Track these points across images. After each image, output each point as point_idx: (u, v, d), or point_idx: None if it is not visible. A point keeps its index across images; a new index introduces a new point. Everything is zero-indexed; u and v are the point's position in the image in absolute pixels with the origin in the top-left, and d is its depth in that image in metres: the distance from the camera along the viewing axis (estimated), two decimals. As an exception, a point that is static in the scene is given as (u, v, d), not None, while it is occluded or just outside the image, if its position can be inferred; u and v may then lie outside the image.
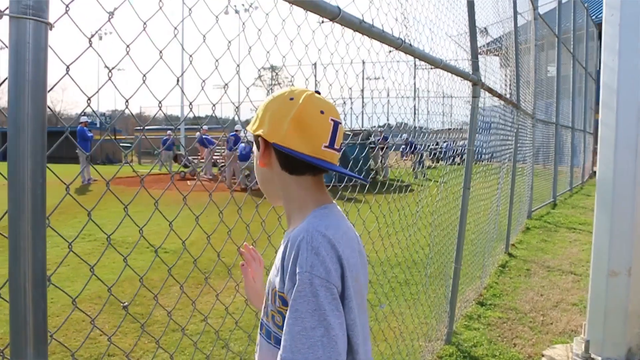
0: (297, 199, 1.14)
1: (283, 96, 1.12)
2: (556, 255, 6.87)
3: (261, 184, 1.21)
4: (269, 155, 1.12)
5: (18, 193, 0.89)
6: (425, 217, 3.57)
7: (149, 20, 1.17)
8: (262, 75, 36.55)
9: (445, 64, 3.01)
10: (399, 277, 4.28)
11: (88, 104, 1.05)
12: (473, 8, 3.88)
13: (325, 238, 1.01)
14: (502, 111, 6.03)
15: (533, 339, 4.02)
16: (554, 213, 10.46)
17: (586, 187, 15.85)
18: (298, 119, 1.07)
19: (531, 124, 9.17)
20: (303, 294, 0.96)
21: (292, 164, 1.11)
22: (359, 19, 1.95)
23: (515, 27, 6.69)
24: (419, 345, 3.57)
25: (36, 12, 0.88)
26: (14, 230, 0.90)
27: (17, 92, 0.88)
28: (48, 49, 0.91)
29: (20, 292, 0.91)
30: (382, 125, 2.96)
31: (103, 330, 3.94)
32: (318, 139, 1.08)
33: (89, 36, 1.03)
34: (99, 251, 6.27)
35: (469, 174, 3.86)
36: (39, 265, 0.93)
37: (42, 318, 0.94)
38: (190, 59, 1.33)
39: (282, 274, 1.04)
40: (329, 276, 0.98)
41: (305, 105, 1.09)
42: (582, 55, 15.67)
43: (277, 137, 1.07)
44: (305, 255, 0.98)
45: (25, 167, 0.89)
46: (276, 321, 1.08)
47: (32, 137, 0.89)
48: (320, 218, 1.08)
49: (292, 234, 1.05)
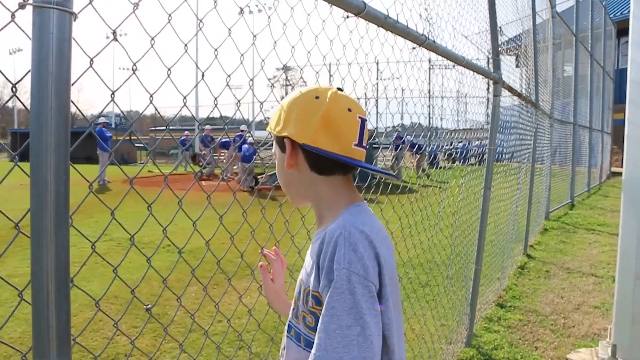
0: (327, 199, 1.11)
1: (308, 95, 1.08)
2: (575, 256, 6.75)
3: (285, 186, 1.17)
4: (296, 156, 1.08)
5: (40, 189, 0.86)
6: (446, 218, 3.51)
7: (173, 13, 1.14)
8: (276, 76, 36.59)
9: (467, 61, 2.95)
10: (420, 278, 4.22)
11: (112, 98, 1.02)
12: (494, 7, 3.81)
13: (363, 234, 0.98)
14: (521, 110, 5.94)
15: (555, 342, 3.93)
16: (572, 214, 10.30)
17: (604, 188, 15.62)
18: (327, 118, 1.04)
19: (549, 123, 9.04)
20: (340, 291, 0.93)
21: (323, 164, 1.08)
22: (384, 14, 1.90)
23: (533, 26, 6.59)
24: (440, 348, 3.50)
25: (60, 1, 0.84)
26: (36, 227, 0.86)
27: (40, 85, 0.84)
28: (72, 41, 0.87)
29: (43, 294, 0.88)
30: (397, 125, 2.91)
31: (122, 329, 3.93)
32: (347, 138, 1.06)
33: (112, 28, 1.00)
34: (115, 251, 6.28)
35: (490, 174, 3.79)
36: (62, 265, 0.89)
37: (66, 320, 0.91)
38: (215, 53, 1.29)
39: (318, 271, 1.00)
40: (367, 273, 0.94)
41: (333, 104, 1.06)
42: (599, 54, 15.45)
43: (306, 137, 1.04)
44: (343, 251, 0.95)
45: (49, 162, 0.85)
46: (307, 322, 1.04)
47: (56, 131, 0.85)
48: (355, 215, 1.05)
49: (329, 230, 1.01)
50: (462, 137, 4.66)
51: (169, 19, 1.13)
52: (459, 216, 3.66)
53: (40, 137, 0.85)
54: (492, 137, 3.80)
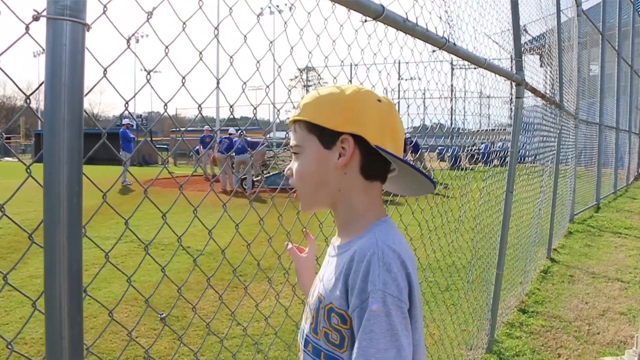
0: (359, 207, 1.07)
1: (368, 95, 1.06)
2: (601, 260, 6.60)
3: (314, 187, 1.08)
4: (352, 156, 1.03)
5: (53, 203, 0.85)
6: (467, 222, 3.45)
7: (187, 20, 1.13)
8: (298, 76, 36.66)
9: (489, 63, 2.90)
10: (440, 282, 4.17)
11: (126, 107, 1.01)
12: (517, 6, 3.74)
13: (396, 254, 0.96)
14: (545, 111, 5.83)
15: (579, 350, 3.84)
16: (598, 217, 10.09)
17: (631, 190, 15.28)
18: (393, 125, 1.06)
19: (574, 124, 8.87)
20: (377, 314, 0.91)
21: (374, 169, 1.06)
22: (403, 17, 1.87)
23: (558, 25, 6.46)
24: (460, 354, 3.45)
25: (73, 13, 0.84)
26: (50, 241, 0.86)
27: (53, 97, 0.84)
28: (85, 51, 0.87)
29: (56, 306, 0.88)
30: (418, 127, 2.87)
31: (139, 332, 3.97)
32: (400, 147, 1.08)
33: (126, 37, 0.99)
34: (136, 252, 6.34)
35: (512, 177, 3.72)
36: (75, 277, 0.89)
37: (79, 332, 0.90)
38: (230, 60, 1.28)
39: (346, 291, 0.97)
40: (401, 294, 0.93)
41: (395, 111, 1.08)
42: (627, 53, 15.10)
43: (379, 139, 1.02)
44: (378, 271, 0.93)
45: (61, 175, 0.85)
46: (332, 339, 1.02)
47: (69, 144, 0.85)
48: (386, 232, 1.02)
49: (359, 248, 0.99)
50: (485, 138, 4.60)
51: (183, 27, 1.13)
52: (481, 220, 3.60)
53: (53, 149, 0.85)
54: (515, 140, 3.73)
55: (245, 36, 1.27)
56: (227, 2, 1.18)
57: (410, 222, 2.38)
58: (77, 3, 0.84)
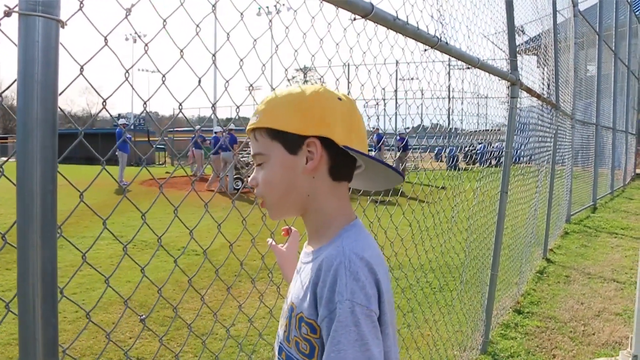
0: (328, 210, 1.04)
1: (328, 95, 1.02)
2: (597, 261, 6.59)
3: (283, 193, 1.04)
4: (319, 159, 1.00)
5: (26, 202, 0.84)
6: (461, 222, 3.44)
7: (168, 18, 1.11)
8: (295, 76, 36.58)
9: (482, 63, 2.89)
10: (433, 283, 4.16)
11: (104, 106, 1.00)
12: (512, 6, 3.73)
13: (364, 261, 0.93)
14: (541, 112, 5.82)
15: (574, 350, 3.83)
16: (594, 217, 10.09)
17: (628, 190, 15.29)
18: (357, 123, 1.04)
19: (570, 124, 8.87)
20: (344, 324, 0.88)
21: (341, 170, 1.03)
22: (393, 15, 1.86)
23: (554, 25, 6.46)
24: (453, 355, 3.44)
25: (46, 9, 0.82)
26: (23, 241, 0.84)
27: (25, 95, 0.82)
28: (59, 48, 0.85)
29: (30, 307, 0.86)
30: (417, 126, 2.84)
31: (133, 333, 3.95)
32: (366, 144, 1.07)
33: (104, 35, 0.97)
34: (130, 252, 6.32)
35: (506, 178, 3.71)
36: (49, 278, 0.87)
37: (53, 334, 0.89)
38: (213, 59, 1.26)
39: (314, 300, 0.95)
40: (369, 303, 0.90)
41: (356, 107, 1.06)
42: (624, 53, 15.13)
43: (346, 139, 1.00)
44: (345, 281, 0.90)
45: (35, 174, 0.83)
46: (302, 349, 0.99)
47: (42, 142, 0.83)
48: (354, 238, 0.99)
49: (326, 257, 0.96)
50: (482, 138, 4.59)
51: (163, 24, 1.11)
52: (474, 220, 3.59)
53: (27, 148, 0.83)
54: (509, 140, 3.72)
55: (228, 34, 1.25)
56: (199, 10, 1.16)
57: (400, 222, 2.37)
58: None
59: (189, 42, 1.15)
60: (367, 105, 2.25)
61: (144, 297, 4.64)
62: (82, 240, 6.85)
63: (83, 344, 3.73)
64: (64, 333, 3.88)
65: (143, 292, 4.76)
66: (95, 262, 6.01)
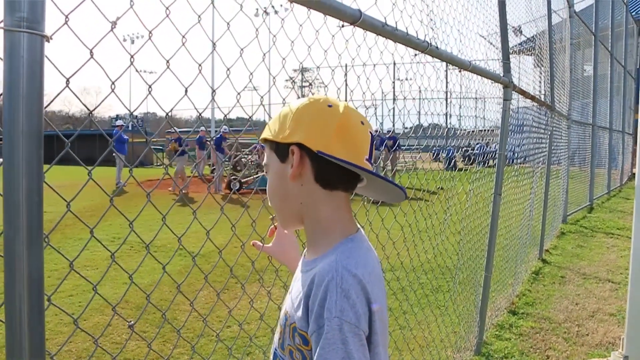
0: (324, 220, 1.04)
1: (320, 103, 1.03)
2: (593, 261, 6.62)
3: (280, 201, 1.08)
4: (302, 165, 1.01)
5: (13, 213, 0.86)
6: (453, 225, 3.46)
7: (154, 29, 1.13)
8: (293, 77, 36.58)
9: (474, 66, 2.90)
10: (426, 285, 4.18)
11: (90, 116, 1.02)
12: (504, 7, 3.75)
13: (356, 279, 0.93)
14: (535, 113, 5.84)
15: (567, 351, 3.85)
16: (591, 217, 10.12)
17: (625, 190, 15.33)
18: (342, 128, 1.01)
19: (566, 125, 8.90)
20: (332, 342, 0.89)
21: (329, 176, 1.02)
22: (382, 22, 1.88)
23: (549, 26, 6.48)
24: (447, 356, 3.46)
25: (31, 25, 0.84)
26: (9, 251, 0.86)
27: (10, 109, 0.84)
28: (44, 62, 0.87)
29: (16, 315, 0.88)
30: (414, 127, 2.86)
31: (122, 336, 3.97)
32: (360, 151, 1.02)
33: (89, 48, 0.99)
34: (127, 255, 6.32)
35: (500, 180, 3.73)
36: (36, 286, 0.89)
37: (39, 341, 0.90)
38: (199, 68, 1.28)
39: (307, 313, 0.96)
40: (358, 322, 0.90)
41: (348, 114, 1.03)
42: (620, 53, 15.17)
43: (321, 144, 0.98)
44: (335, 298, 0.90)
45: (20, 186, 0.85)
46: (295, 357, 1.01)
47: (27, 155, 0.85)
48: (349, 254, 0.98)
49: (319, 271, 0.96)
50: (478, 139, 4.60)
51: (150, 35, 1.13)
52: (468, 222, 3.61)
53: (12, 160, 0.85)
54: (503, 142, 3.74)
55: (214, 44, 1.27)
56: (196, 9, 1.18)
57: (392, 225, 2.39)
58: (35, 15, 0.84)
59: (176, 51, 1.17)
60: (365, 106, 2.27)
61: (140, 300, 4.65)
62: (78, 242, 6.87)
63: (79, 347, 3.74)
64: (60, 335, 3.90)
65: (140, 294, 4.78)
66: (92, 264, 6.03)
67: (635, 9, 19.43)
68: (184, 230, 1.55)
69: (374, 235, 2.22)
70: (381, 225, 2.32)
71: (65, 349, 3.63)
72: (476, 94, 3.69)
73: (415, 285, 3.88)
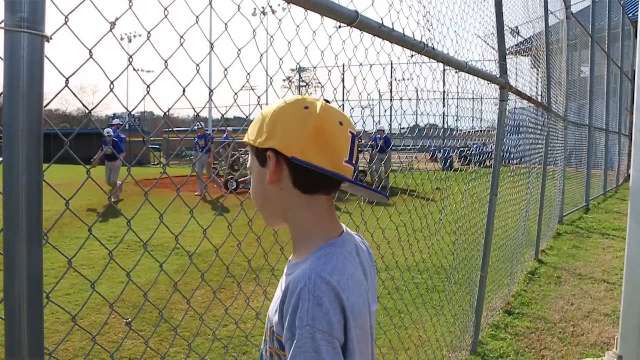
0: (304, 224, 1.03)
1: (295, 105, 1.00)
2: (588, 262, 6.65)
3: (261, 204, 1.06)
4: (279, 170, 0.99)
5: (12, 211, 0.86)
6: (449, 225, 3.48)
7: (152, 30, 1.14)
8: (290, 77, 36.57)
9: (470, 67, 2.92)
10: (421, 285, 4.19)
11: (89, 117, 1.03)
12: (501, 8, 3.77)
13: (329, 286, 0.90)
14: (532, 113, 5.87)
15: (562, 351, 3.88)
16: (587, 218, 10.16)
17: (621, 191, 15.38)
18: (318, 131, 0.97)
19: (563, 126, 8.93)
20: (303, 350, 0.87)
21: (308, 181, 0.99)
22: (378, 23, 1.89)
23: (546, 27, 6.51)
24: (442, 355, 3.47)
25: (31, 25, 0.85)
26: (9, 249, 0.87)
27: (10, 108, 0.85)
28: (44, 62, 0.88)
29: (15, 313, 0.89)
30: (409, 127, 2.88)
31: (119, 335, 3.98)
32: (338, 153, 0.99)
33: (89, 48, 1.00)
34: (124, 253, 6.33)
35: (496, 180, 3.75)
36: (35, 284, 0.90)
37: (38, 339, 0.91)
38: (197, 68, 1.29)
39: (282, 319, 0.94)
40: (331, 329, 0.88)
41: (324, 116, 0.98)
42: (617, 55, 15.21)
43: (295, 150, 0.95)
44: (307, 306, 0.88)
45: (20, 185, 0.86)
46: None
47: (27, 154, 0.86)
48: (325, 260, 0.95)
49: (293, 279, 0.95)
50: (475, 140, 4.62)
51: (148, 36, 1.14)
52: (463, 222, 3.63)
53: (12, 159, 0.86)
54: (499, 143, 3.76)
55: (212, 43, 1.28)
56: (194, 9, 1.19)
57: (387, 225, 2.40)
58: (35, 15, 0.85)
59: (174, 52, 1.18)
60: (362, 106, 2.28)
61: (137, 298, 4.66)
62: (75, 240, 6.87)
63: (75, 345, 3.75)
64: (56, 334, 3.90)
65: (137, 293, 4.78)
66: (89, 262, 6.04)
67: (631, 11, 19.48)
68: (181, 229, 1.56)
69: (369, 234, 2.23)
70: (376, 225, 2.33)
71: (61, 347, 3.63)
72: (473, 95, 3.72)
73: (410, 285, 3.90)
